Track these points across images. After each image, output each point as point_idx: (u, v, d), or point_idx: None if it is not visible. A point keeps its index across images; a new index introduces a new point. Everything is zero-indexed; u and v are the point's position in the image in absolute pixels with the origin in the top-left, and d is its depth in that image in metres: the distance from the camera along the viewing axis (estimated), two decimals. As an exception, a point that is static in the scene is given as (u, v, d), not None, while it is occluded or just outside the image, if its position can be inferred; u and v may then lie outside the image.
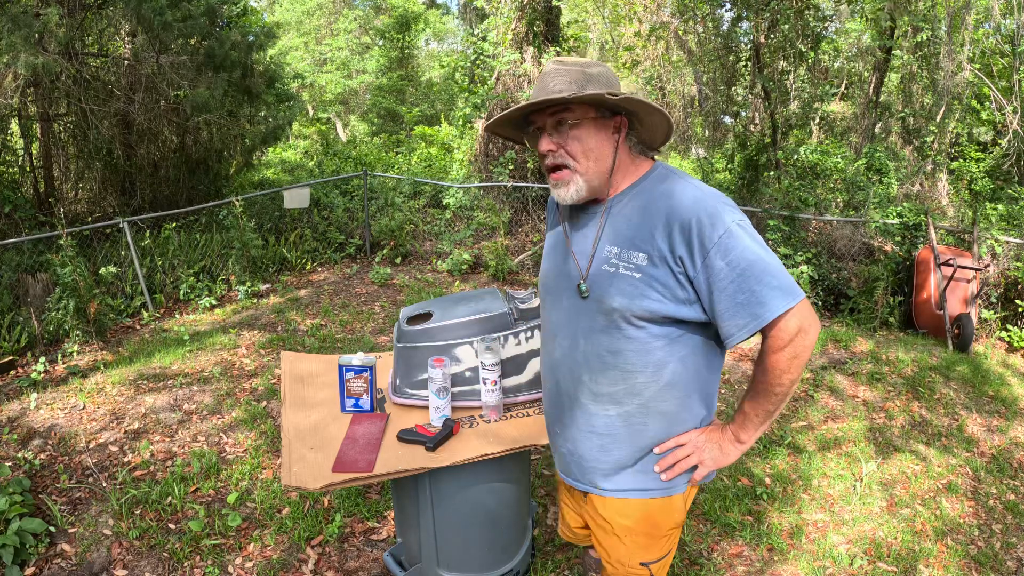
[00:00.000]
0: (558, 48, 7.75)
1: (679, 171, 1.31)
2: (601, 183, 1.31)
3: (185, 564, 2.40)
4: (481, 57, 8.14)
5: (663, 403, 1.31)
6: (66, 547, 2.49)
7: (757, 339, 1.26)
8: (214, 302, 5.44)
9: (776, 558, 2.52)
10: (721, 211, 1.19)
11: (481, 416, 1.79)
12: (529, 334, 1.82)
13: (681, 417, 1.33)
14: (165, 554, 2.45)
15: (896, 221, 6.23)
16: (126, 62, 6.40)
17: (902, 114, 9.91)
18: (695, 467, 1.34)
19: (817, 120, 11.01)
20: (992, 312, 5.70)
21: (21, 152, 6.77)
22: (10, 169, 6.66)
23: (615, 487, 1.38)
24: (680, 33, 10.35)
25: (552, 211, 1.53)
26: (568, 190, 1.30)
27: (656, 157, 1.38)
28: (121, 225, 5.30)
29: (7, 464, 2.92)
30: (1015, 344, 5.34)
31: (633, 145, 1.33)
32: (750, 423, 1.30)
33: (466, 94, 8.60)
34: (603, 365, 1.31)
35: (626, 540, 1.41)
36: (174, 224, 6.13)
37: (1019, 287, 5.69)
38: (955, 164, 9.93)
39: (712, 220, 1.18)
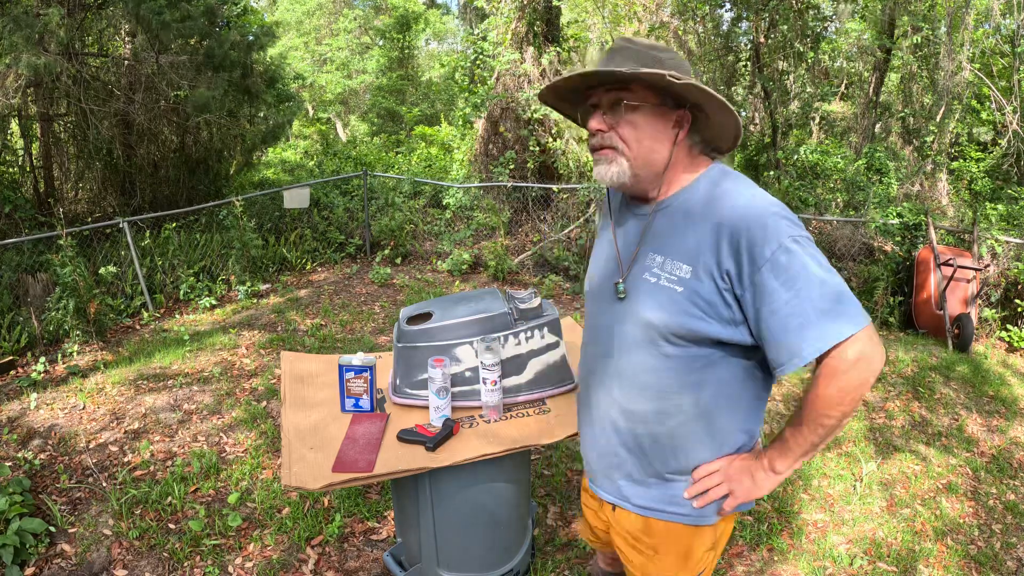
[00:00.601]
0: (558, 48, 7.75)
1: (737, 174, 1.19)
2: (649, 177, 1.20)
3: (185, 564, 2.40)
4: (481, 57, 8.14)
5: (697, 428, 1.21)
6: (66, 547, 2.49)
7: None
8: (214, 302, 5.44)
9: (776, 558, 2.52)
10: (776, 223, 1.07)
11: (481, 416, 1.79)
12: (529, 334, 1.82)
13: (716, 444, 1.23)
14: (165, 554, 2.45)
15: (896, 221, 6.23)
16: (126, 62, 6.40)
17: (902, 114, 9.92)
18: (726, 496, 1.24)
19: (817, 120, 11.01)
20: (992, 312, 5.70)
21: (21, 152, 6.77)
22: (10, 169, 6.66)
23: (642, 503, 1.30)
24: (680, 33, 10.36)
25: (603, 208, 1.45)
26: (609, 169, 1.19)
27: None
28: (121, 225, 5.30)
29: (7, 464, 2.92)
30: (1015, 344, 5.34)
31: (695, 144, 1.21)
32: (790, 453, 1.17)
33: (466, 94, 8.60)
34: (636, 382, 1.22)
35: (653, 558, 1.34)
36: (174, 224, 6.13)
37: (1019, 287, 5.68)
38: (955, 164, 9.93)
39: (765, 233, 1.06)
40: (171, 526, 2.61)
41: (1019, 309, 5.56)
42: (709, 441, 1.22)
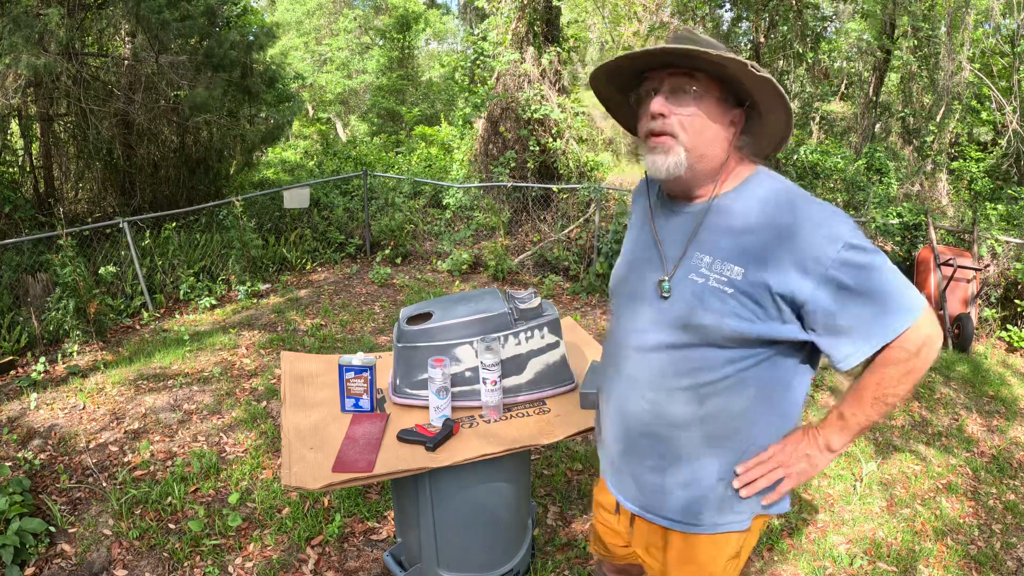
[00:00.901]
0: (558, 48, 7.75)
1: (783, 177, 1.19)
2: (704, 172, 1.16)
3: (185, 564, 2.40)
4: (481, 57, 8.14)
5: (737, 428, 1.19)
6: (66, 547, 2.49)
7: None
8: (214, 302, 5.44)
9: (776, 558, 2.52)
10: (838, 224, 1.07)
11: (481, 416, 1.79)
12: (529, 334, 1.82)
13: (758, 443, 1.21)
14: (165, 554, 2.45)
15: (896, 221, 6.23)
16: (126, 62, 6.39)
17: (902, 114, 9.92)
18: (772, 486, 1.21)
19: (817, 120, 11.01)
20: (992, 312, 5.70)
21: (21, 152, 6.76)
22: (10, 169, 6.65)
23: (671, 516, 1.26)
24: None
25: (636, 204, 1.38)
26: (667, 159, 1.12)
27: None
28: (121, 225, 5.29)
29: (7, 464, 2.92)
30: (1015, 344, 5.34)
31: (745, 145, 1.19)
32: (847, 431, 1.17)
33: (466, 94, 8.61)
34: (673, 386, 1.18)
35: (677, 568, 1.31)
36: (174, 224, 6.13)
37: (1019, 287, 5.68)
38: (955, 164, 9.93)
39: (828, 232, 1.06)
40: (171, 526, 2.61)
41: (1019, 309, 5.56)
42: (752, 440, 1.20)
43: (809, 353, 1.19)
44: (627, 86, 1.22)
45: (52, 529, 2.56)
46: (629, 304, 1.26)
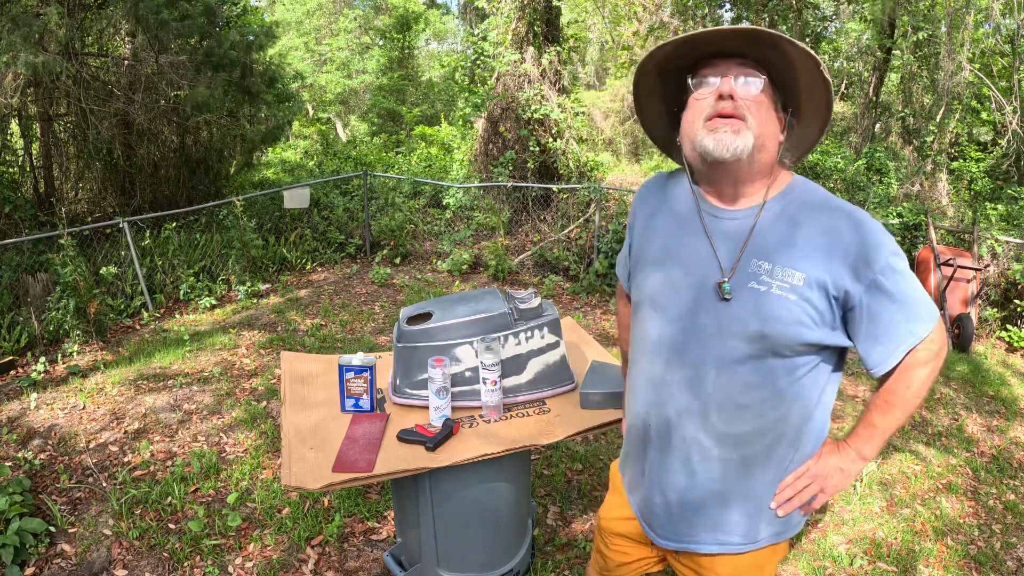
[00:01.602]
0: (558, 48, 7.75)
1: (817, 185, 1.20)
2: (760, 165, 1.13)
3: (185, 564, 2.40)
4: (481, 57, 8.14)
5: (789, 439, 1.18)
6: (66, 547, 2.49)
7: None
8: (214, 302, 5.44)
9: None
10: (883, 236, 1.10)
11: (481, 416, 1.79)
12: (529, 334, 1.82)
13: (804, 451, 1.21)
14: (165, 554, 2.45)
15: (896, 221, 6.23)
16: (126, 62, 6.39)
17: (902, 114, 9.92)
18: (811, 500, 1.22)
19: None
20: (992, 312, 5.70)
21: (21, 152, 6.76)
22: (10, 169, 6.65)
23: (716, 541, 1.23)
24: (680, 33, 10.36)
25: (646, 205, 1.32)
26: (735, 139, 1.07)
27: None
28: (121, 225, 5.30)
29: (7, 464, 2.92)
30: (1015, 344, 5.34)
31: (785, 151, 1.19)
32: (878, 437, 1.19)
33: (466, 94, 8.61)
34: (736, 401, 1.14)
35: None
36: (174, 224, 6.13)
37: (1019, 287, 5.68)
38: (955, 164, 9.93)
39: (877, 239, 1.09)
40: (171, 526, 2.61)
41: (1019, 309, 5.56)
42: (796, 453, 1.20)
43: (839, 360, 1.20)
44: (680, 71, 1.17)
45: (52, 529, 2.56)
46: (669, 312, 1.18)
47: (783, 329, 1.09)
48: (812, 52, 1.07)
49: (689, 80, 1.16)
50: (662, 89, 1.22)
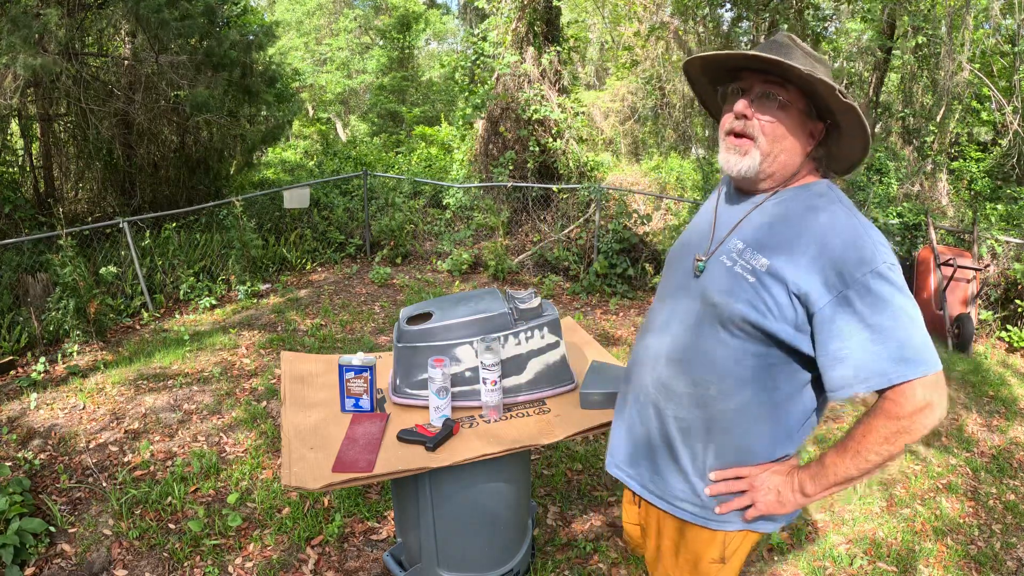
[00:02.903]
0: (558, 48, 7.75)
1: (841, 194, 1.18)
2: (775, 178, 1.19)
3: (185, 564, 2.40)
4: (481, 57, 8.14)
5: (727, 426, 1.19)
6: (66, 547, 2.49)
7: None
8: (214, 302, 5.44)
9: (776, 558, 2.52)
10: (874, 248, 1.06)
11: (481, 416, 1.79)
12: (529, 334, 1.82)
13: (747, 448, 1.20)
14: (165, 554, 2.45)
15: (896, 221, 6.23)
16: (126, 62, 6.39)
17: (902, 114, 9.91)
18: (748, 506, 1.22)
19: (817, 120, 10.98)
20: (992, 312, 5.70)
21: (21, 152, 6.76)
22: (10, 169, 6.65)
23: (659, 493, 1.29)
24: (680, 33, 10.36)
25: (717, 189, 1.44)
26: (741, 161, 1.16)
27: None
28: (121, 225, 5.29)
29: (7, 464, 2.92)
30: (1015, 344, 5.34)
31: (819, 157, 1.21)
32: (823, 478, 1.13)
33: (466, 94, 8.60)
34: (681, 360, 1.21)
35: (663, 554, 1.33)
36: (174, 224, 6.13)
37: (1019, 287, 5.68)
38: (955, 164, 9.93)
39: (860, 255, 1.05)
40: (171, 526, 2.61)
41: (1019, 309, 5.56)
42: (740, 443, 1.20)
43: (819, 380, 1.17)
44: (719, 79, 1.25)
45: (52, 529, 2.56)
46: (673, 271, 1.31)
47: (731, 303, 1.13)
48: (823, 79, 1.06)
49: (719, 91, 1.26)
50: (712, 87, 1.31)
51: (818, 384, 1.17)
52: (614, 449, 1.40)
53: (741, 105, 1.15)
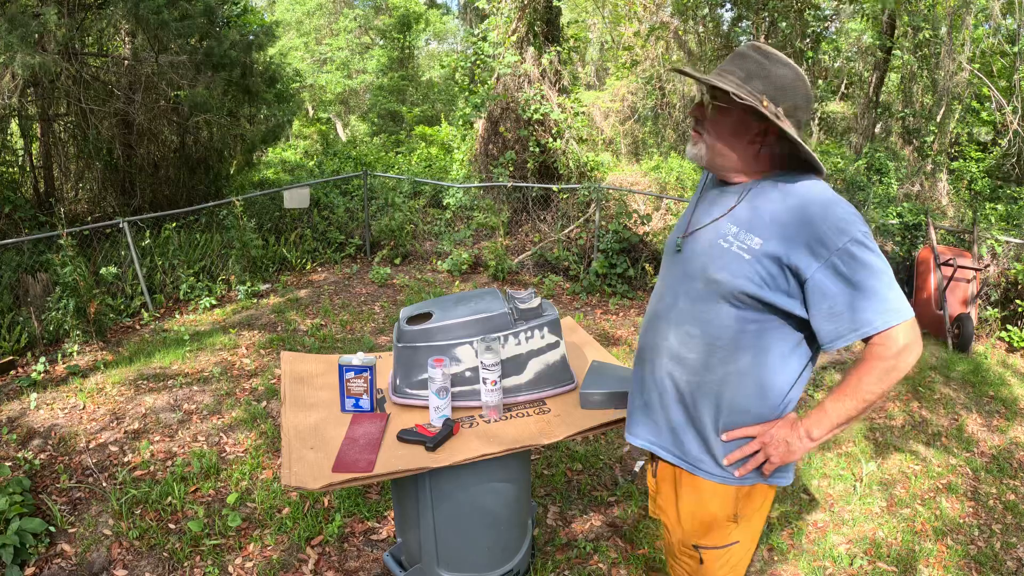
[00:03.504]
0: (558, 48, 7.75)
1: (825, 183, 1.33)
2: (724, 166, 1.37)
3: (185, 564, 2.40)
4: (481, 57, 8.14)
5: (733, 387, 1.33)
6: (66, 547, 2.49)
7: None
8: (214, 302, 5.44)
9: (776, 558, 2.52)
10: (851, 219, 1.22)
11: (481, 416, 1.79)
12: (529, 334, 1.82)
13: (750, 408, 1.34)
14: (165, 554, 2.45)
15: (896, 221, 6.23)
16: (126, 62, 6.39)
17: (902, 114, 9.91)
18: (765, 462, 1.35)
19: (817, 120, 11.01)
20: (992, 312, 5.70)
21: (21, 152, 6.76)
22: (10, 169, 6.65)
23: (679, 454, 1.41)
24: (680, 33, 10.35)
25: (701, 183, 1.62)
26: (694, 149, 1.39)
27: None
28: (121, 225, 5.29)
29: (7, 464, 2.92)
30: (1015, 344, 5.34)
31: (782, 154, 1.35)
32: (827, 421, 1.29)
33: (466, 94, 8.60)
34: (689, 331, 1.36)
35: (682, 515, 1.44)
36: (174, 224, 6.13)
37: (1019, 287, 5.68)
38: (955, 164, 9.93)
39: (840, 225, 1.21)
40: (171, 526, 2.61)
41: (1019, 309, 5.56)
42: (744, 403, 1.33)
43: (810, 338, 1.33)
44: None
45: (52, 529, 2.56)
46: (666, 259, 1.50)
47: (730, 278, 1.29)
48: (739, 95, 1.24)
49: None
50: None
51: (808, 343, 1.34)
52: (633, 421, 1.52)
53: (696, 109, 1.38)
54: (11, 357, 4.25)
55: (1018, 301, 5.59)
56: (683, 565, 1.50)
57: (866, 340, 1.24)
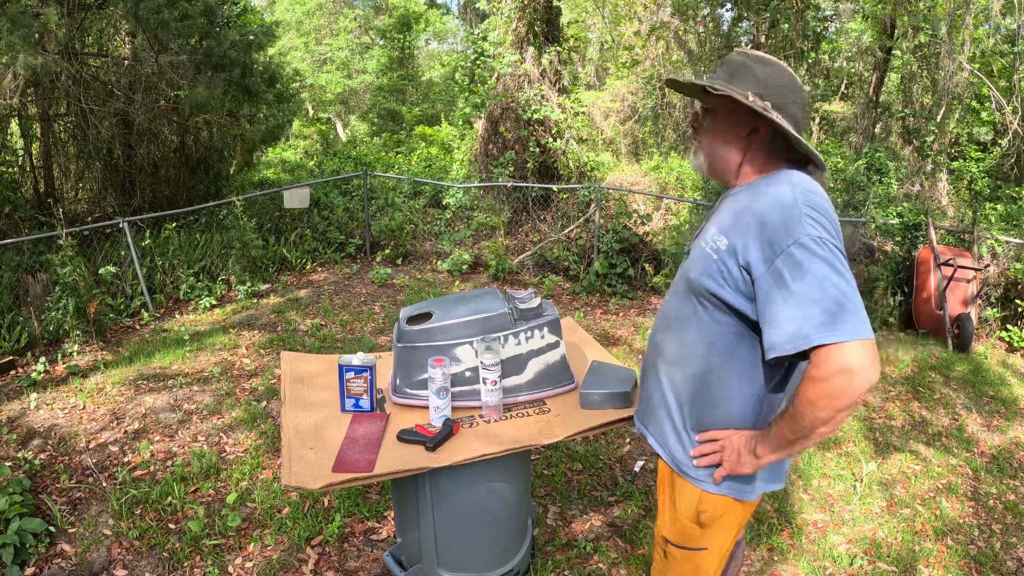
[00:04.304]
0: (558, 48, 7.75)
1: (798, 177, 1.25)
2: (721, 170, 1.38)
3: (185, 564, 2.40)
4: (481, 57, 8.14)
5: (703, 387, 1.34)
6: (66, 547, 2.49)
7: None
8: (214, 302, 5.44)
9: (776, 558, 2.52)
10: (801, 220, 1.14)
11: (481, 416, 1.79)
12: (529, 334, 1.82)
13: (721, 410, 1.32)
14: (165, 554, 2.45)
15: (896, 221, 6.23)
16: (126, 62, 6.39)
17: (902, 114, 9.91)
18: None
19: (817, 120, 11.01)
20: (992, 312, 5.69)
21: (21, 152, 6.76)
22: (10, 169, 6.65)
23: (661, 443, 1.45)
24: (680, 33, 10.35)
25: None
26: (695, 160, 1.42)
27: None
28: (121, 225, 5.29)
29: (7, 464, 2.92)
30: (1015, 344, 5.34)
31: (777, 152, 1.32)
32: (770, 441, 1.22)
33: (466, 94, 8.60)
34: (671, 328, 1.40)
35: (664, 506, 1.47)
36: (174, 224, 6.13)
37: (1019, 287, 5.68)
38: (955, 164, 9.93)
39: (787, 226, 1.14)
40: (171, 526, 2.61)
41: (1019, 309, 5.56)
42: (714, 404, 1.33)
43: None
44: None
45: (52, 529, 2.56)
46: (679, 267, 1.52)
47: (698, 275, 1.30)
48: (727, 93, 1.25)
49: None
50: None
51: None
52: (639, 409, 1.57)
53: (692, 114, 1.42)
54: (11, 357, 4.25)
55: (1018, 301, 5.58)
56: (656, 555, 1.55)
57: (805, 355, 1.13)
